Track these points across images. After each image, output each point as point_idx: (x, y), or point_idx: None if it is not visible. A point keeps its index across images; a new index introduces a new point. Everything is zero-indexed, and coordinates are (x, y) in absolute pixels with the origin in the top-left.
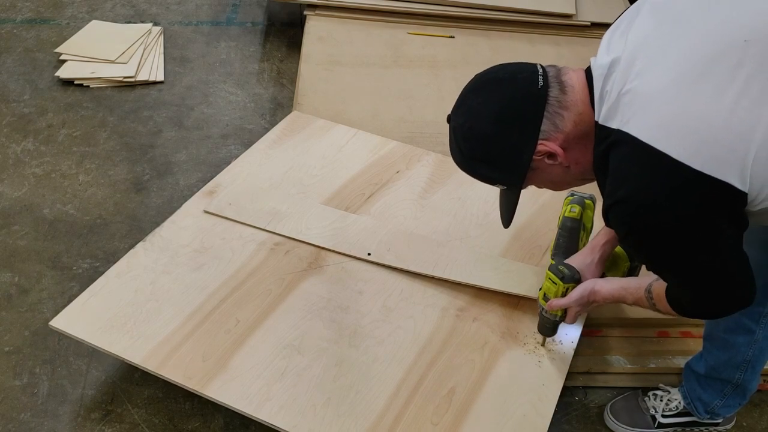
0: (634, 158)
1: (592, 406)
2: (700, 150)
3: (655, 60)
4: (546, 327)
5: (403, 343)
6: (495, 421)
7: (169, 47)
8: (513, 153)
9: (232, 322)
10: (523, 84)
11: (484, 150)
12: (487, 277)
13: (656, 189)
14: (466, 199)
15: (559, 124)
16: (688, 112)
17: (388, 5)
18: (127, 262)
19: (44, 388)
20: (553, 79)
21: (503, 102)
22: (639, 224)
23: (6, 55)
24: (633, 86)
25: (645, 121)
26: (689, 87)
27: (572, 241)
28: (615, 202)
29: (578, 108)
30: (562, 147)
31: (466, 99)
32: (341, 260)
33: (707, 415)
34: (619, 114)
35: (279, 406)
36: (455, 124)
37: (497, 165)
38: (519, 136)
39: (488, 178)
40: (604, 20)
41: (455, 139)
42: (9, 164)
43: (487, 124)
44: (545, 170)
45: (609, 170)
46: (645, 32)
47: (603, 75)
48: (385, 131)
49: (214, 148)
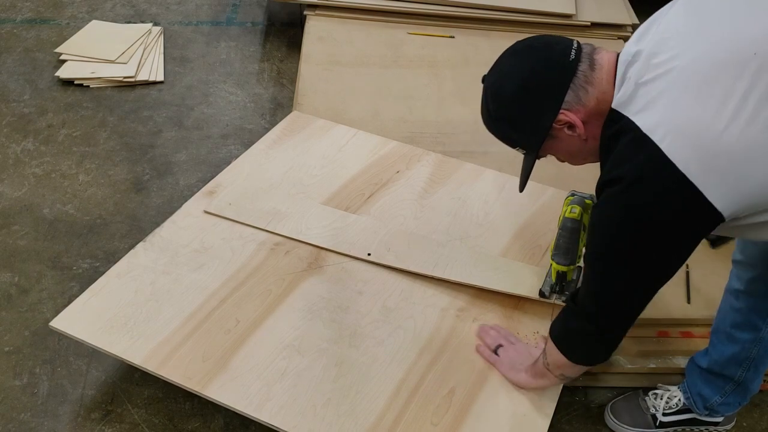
0: (635, 146)
1: (593, 406)
2: (692, 158)
3: (672, 59)
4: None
5: (403, 344)
6: (495, 421)
7: (169, 47)
8: (534, 117)
9: (232, 322)
10: (555, 54)
11: (509, 110)
12: (488, 277)
13: (647, 181)
14: (466, 199)
15: (583, 98)
16: (688, 117)
17: (388, 5)
18: (127, 262)
19: (44, 388)
20: (585, 56)
21: (533, 67)
22: (620, 201)
23: (6, 55)
24: (648, 79)
25: (652, 116)
26: (694, 93)
27: (572, 241)
28: (610, 179)
29: (603, 87)
30: (583, 120)
31: (501, 61)
32: (341, 260)
33: (706, 411)
34: (632, 103)
35: (279, 407)
36: (487, 84)
37: (519, 126)
38: (542, 102)
39: (510, 139)
40: (604, 20)
41: (485, 98)
42: (9, 164)
43: (514, 86)
44: (564, 140)
45: (612, 152)
46: (671, 29)
47: (627, 62)
48: (385, 131)
49: (214, 148)
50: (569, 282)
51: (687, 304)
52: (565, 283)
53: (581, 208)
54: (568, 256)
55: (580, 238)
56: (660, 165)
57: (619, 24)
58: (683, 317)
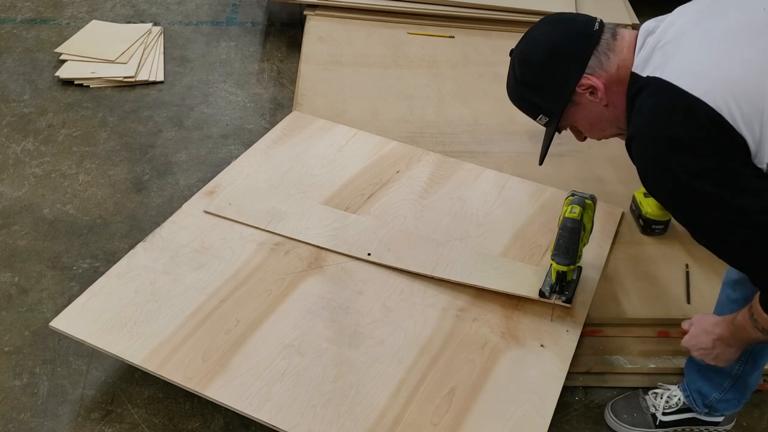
0: (657, 94)
1: (592, 406)
2: (704, 83)
3: (691, 24)
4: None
5: (403, 344)
6: (495, 421)
7: (169, 47)
8: (559, 80)
9: (232, 322)
10: (580, 25)
11: (535, 74)
12: (488, 277)
13: (660, 117)
14: (466, 199)
15: (605, 63)
16: (704, 59)
17: (388, 5)
18: (127, 262)
19: (44, 388)
20: (608, 29)
21: (560, 35)
22: (656, 153)
23: (6, 55)
24: (666, 41)
25: (674, 67)
26: (714, 44)
27: (572, 241)
28: (631, 135)
29: (624, 54)
30: (604, 85)
31: (531, 31)
32: (341, 260)
33: (705, 409)
34: (650, 64)
35: (279, 407)
36: (516, 53)
37: (543, 91)
38: (567, 66)
39: (533, 106)
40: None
41: (512, 66)
42: (9, 164)
43: (541, 52)
44: (586, 106)
45: (635, 108)
46: (687, 8)
47: (647, 32)
48: (385, 131)
49: (214, 148)
50: (569, 282)
51: (687, 304)
52: (565, 283)
53: (581, 208)
54: (569, 256)
55: (581, 238)
56: (681, 98)
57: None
58: (683, 317)
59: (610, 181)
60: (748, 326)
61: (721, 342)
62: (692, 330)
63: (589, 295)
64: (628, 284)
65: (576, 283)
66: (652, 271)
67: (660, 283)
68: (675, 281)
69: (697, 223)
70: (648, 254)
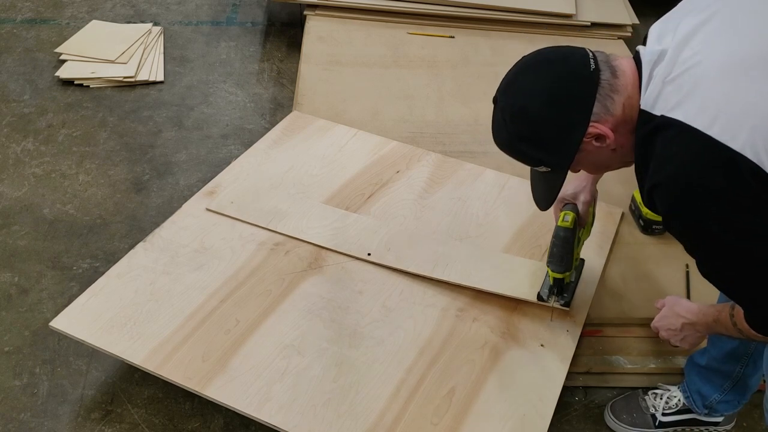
0: (678, 140)
1: (592, 406)
2: (741, 133)
3: (702, 52)
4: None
5: (403, 344)
6: (495, 421)
7: (169, 47)
8: (564, 134)
9: (232, 322)
10: (575, 66)
11: (535, 130)
12: (487, 278)
13: (697, 169)
14: (466, 199)
15: (610, 107)
16: (732, 98)
17: (388, 5)
18: (127, 262)
19: (44, 388)
20: (604, 64)
21: (556, 82)
22: (681, 205)
23: (6, 55)
24: (676, 75)
25: (690, 107)
26: (737, 77)
27: (566, 250)
28: (658, 182)
29: (628, 92)
30: (612, 130)
31: (516, 79)
32: (341, 260)
33: (705, 410)
34: (662, 100)
35: (279, 407)
36: (504, 105)
37: (546, 146)
38: (571, 118)
39: (534, 159)
40: (604, 20)
41: (503, 119)
42: (9, 164)
43: (539, 104)
44: (592, 152)
45: (654, 153)
46: (692, 28)
47: (652, 62)
48: (385, 131)
49: (214, 148)
50: (568, 284)
51: None
52: (564, 286)
53: (574, 214)
54: (563, 264)
55: (574, 244)
56: (712, 151)
57: (619, 24)
58: None
59: (609, 181)
60: (729, 328)
61: (691, 327)
62: (663, 310)
63: (589, 295)
64: (628, 284)
65: (575, 284)
66: (652, 271)
67: (660, 283)
68: (675, 281)
69: (716, 266)
70: (648, 254)
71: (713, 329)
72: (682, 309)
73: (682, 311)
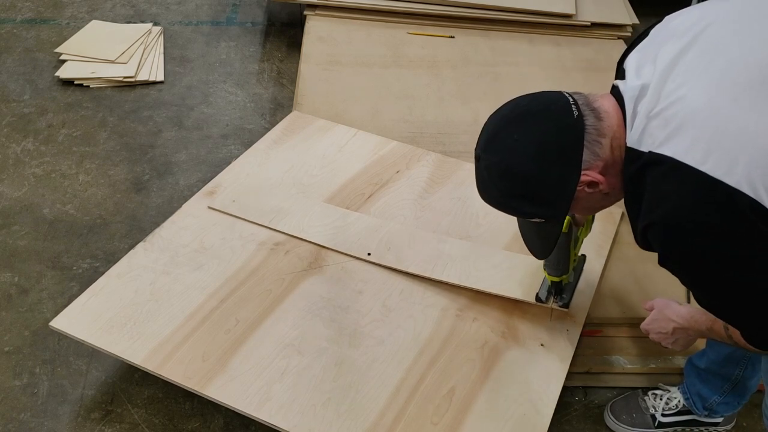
0: (670, 178)
1: (592, 406)
2: (736, 167)
3: (686, 83)
4: None
5: (403, 343)
6: (495, 421)
7: (169, 47)
8: (557, 187)
9: (232, 322)
10: (558, 116)
11: (526, 187)
12: (487, 278)
13: (694, 207)
14: (466, 199)
15: (599, 152)
16: (723, 131)
17: (388, 5)
18: (127, 262)
19: (44, 388)
20: (586, 107)
21: (542, 136)
22: (679, 243)
23: (6, 55)
24: (661, 109)
25: (679, 142)
26: (726, 106)
27: (561, 254)
28: (652, 222)
29: (614, 132)
30: (602, 174)
31: (498, 135)
32: (341, 260)
33: (705, 411)
34: (648, 136)
35: (279, 406)
36: (489, 163)
37: (540, 200)
38: (562, 171)
39: (527, 214)
40: (604, 20)
41: (489, 177)
42: (9, 164)
43: (527, 161)
44: (584, 199)
45: (645, 191)
46: (672, 57)
47: (634, 97)
48: (385, 131)
49: (214, 148)
50: (566, 285)
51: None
52: (563, 286)
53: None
54: (559, 268)
55: (570, 247)
56: (708, 188)
57: (619, 24)
58: None
59: None
60: (723, 337)
61: (683, 331)
62: (654, 313)
63: (589, 295)
64: (628, 284)
65: (575, 283)
66: (652, 271)
67: (660, 283)
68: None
69: (716, 300)
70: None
71: (706, 336)
72: (673, 313)
73: (672, 315)
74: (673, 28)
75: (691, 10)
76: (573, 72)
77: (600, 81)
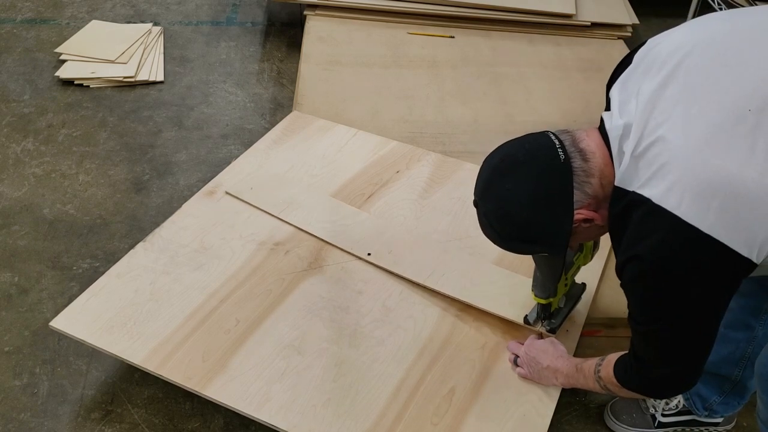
0: (648, 219)
1: (592, 406)
2: (708, 213)
3: (664, 124)
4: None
5: (403, 343)
6: (495, 421)
7: (169, 47)
8: (552, 229)
9: (232, 322)
10: (546, 161)
11: (524, 231)
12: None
13: (668, 249)
14: (466, 199)
15: (589, 191)
16: (697, 176)
17: (388, 5)
18: (127, 262)
19: (44, 388)
20: (572, 148)
21: (532, 184)
22: (649, 280)
23: (6, 55)
24: (644, 149)
25: (658, 185)
26: (700, 150)
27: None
28: (630, 257)
29: (601, 170)
30: (595, 210)
31: (492, 184)
32: (341, 260)
33: (705, 412)
34: (634, 177)
35: (279, 407)
36: (486, 210)
37: (538, 242)
38: (556, 213)
39: (529, 251)
40: (604, 20)
41: (489, 222)
42: (9, 164)
43: (521, 209)
44: (582, 233)
45: (627, 229)
46: (653, 92)
47: (618, 137)
48: (385, 131)
49: (214, 148)
50: (556, 311)
51: None
52: (552, 311)
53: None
54: (545, 290)
55: (559, 270)
56: (681, 232)
57: (619, 24)
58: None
59: None
60: (590, 378)
61: (552, 372)
62: (525, 357)
63: (589, 295)
64: None
65: (568, 310)
66: None
67: None
68: None
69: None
70: None
71: (573, 379)
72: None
73: (548, 355)
74: (654, 57)
75: (671, 35)
76: (573, 72)
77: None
